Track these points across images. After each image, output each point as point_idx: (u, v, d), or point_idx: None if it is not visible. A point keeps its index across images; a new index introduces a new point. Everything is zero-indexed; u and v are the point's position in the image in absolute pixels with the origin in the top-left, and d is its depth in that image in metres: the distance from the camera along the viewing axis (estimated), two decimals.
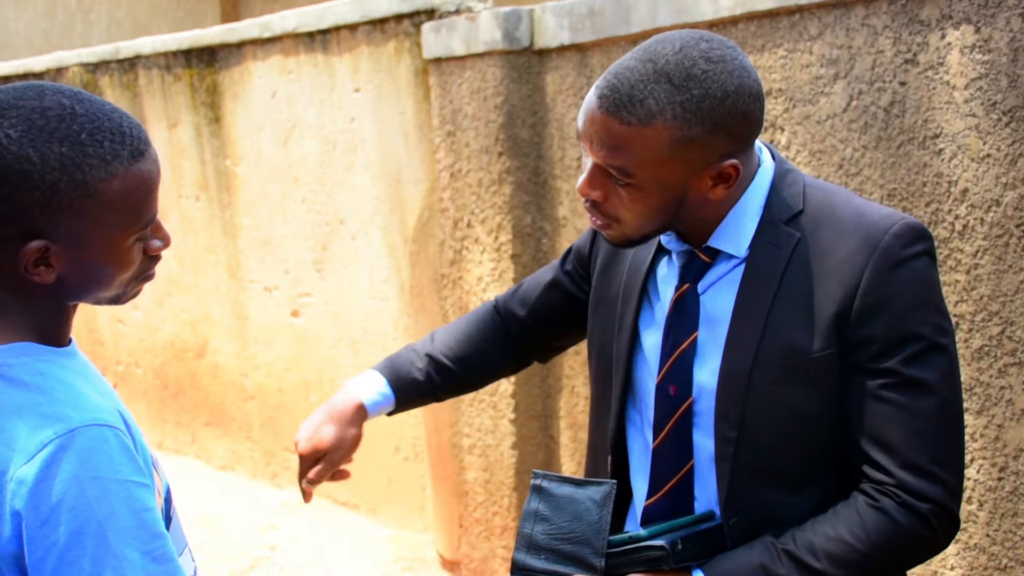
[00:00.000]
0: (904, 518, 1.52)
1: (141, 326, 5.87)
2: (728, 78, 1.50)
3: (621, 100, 1.50)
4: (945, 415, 1.54)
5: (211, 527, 4.75)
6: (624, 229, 1.60)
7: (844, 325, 1.53)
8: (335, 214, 4.61)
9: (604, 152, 1.53)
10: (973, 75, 2.41)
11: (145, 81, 5.47)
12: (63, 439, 1.27)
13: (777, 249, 1.58)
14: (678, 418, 1.64)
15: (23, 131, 1.28)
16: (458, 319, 2.04)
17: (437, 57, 3.79)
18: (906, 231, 1.55)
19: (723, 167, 1.54)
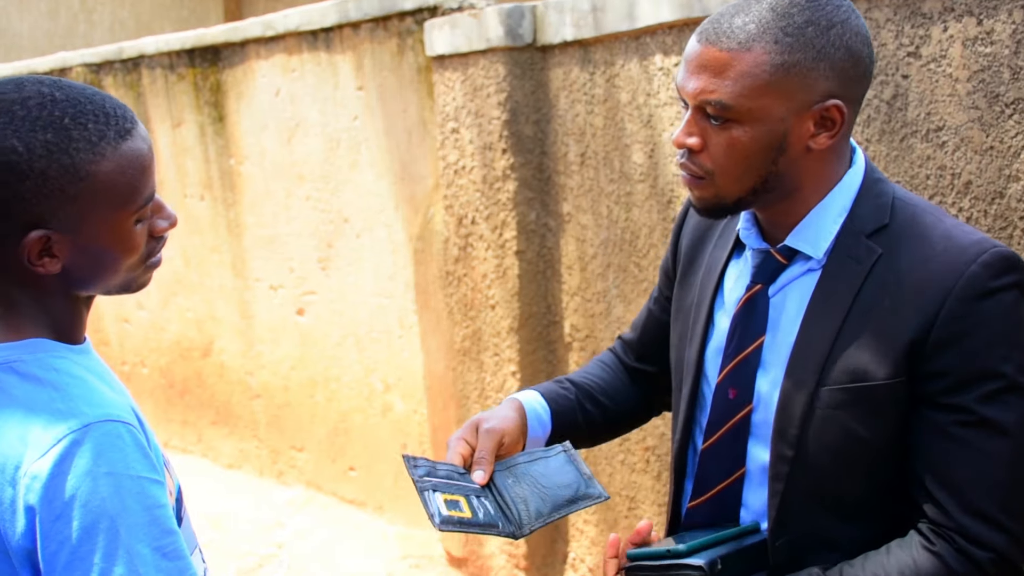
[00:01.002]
0: (960, 566, 1.42)
1: (147, 326, 5.88)
2: (835, 11, 1.44)
3: (722, 29, 1.44)
4: (1019, 461, 1.43)
5: (218, 525, 4.76)
6: (718, 183, 1.50)
7: (918, 355, 1.44)
8: (339, 212, 4.62)
9: (702, 83, 1.45)
10: (976, 67, 2.41)
11: (149, 81, 5.48)
12: (77, 434, 1.27)
13: (856, 263, 1.49)
14: (734, 424, 1.58)
15: (5, 122, 1.29)
16: (587, 365, 1.92)
17: (440, 54, 3.79)
18: (996, 261, 1.44)
19: (827, 107, 1.46)
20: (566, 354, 3.72)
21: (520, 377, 3.74)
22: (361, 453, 4.75)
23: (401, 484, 4.58)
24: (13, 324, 1.36)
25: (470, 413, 3.93)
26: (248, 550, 4.60)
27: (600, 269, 3.52)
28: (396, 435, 4.56)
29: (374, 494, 4.71)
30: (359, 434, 4.74)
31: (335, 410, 4.84)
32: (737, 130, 1.46)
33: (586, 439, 1.85)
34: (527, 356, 3.75)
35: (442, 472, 1.59)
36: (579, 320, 3.65)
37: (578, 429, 1.80)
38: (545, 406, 1.77)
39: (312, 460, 5.02)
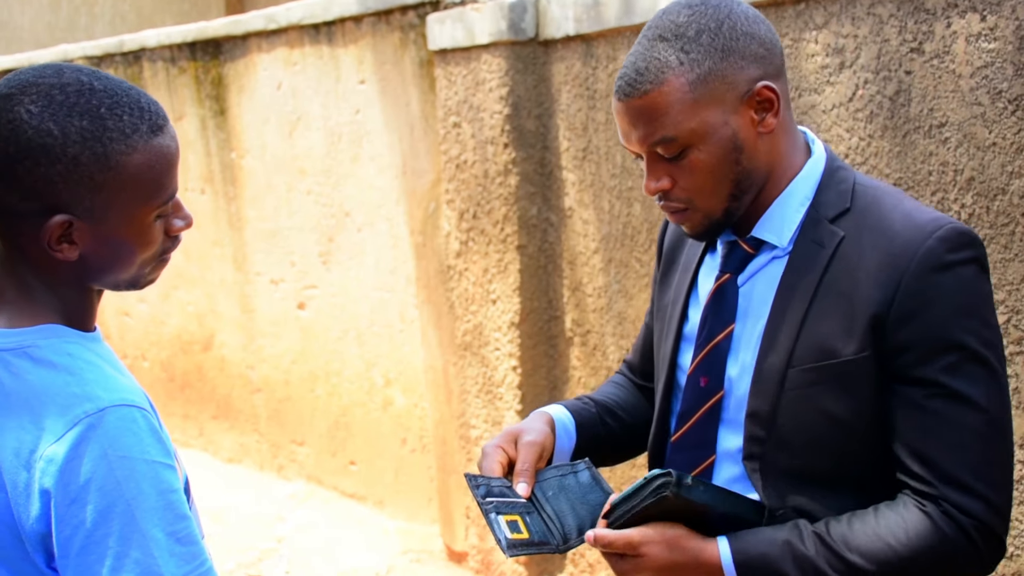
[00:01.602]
0: (949, 528, 1.46)
1: (147, 319, 5.88)
2: (715, 11, 1.51)
3: (631, 80, 1.51)
4: (992, 431, 1.47)
5: (219, 519, 4.76)
6: (700, 208, 1.55)
7: (881, 329, 1.47)
8: (341, 206, 4.62)
9: (643, 134, 1.52)
10: (979, 63, 2.41)
11: (150, 74, 5.47)
12: (92, 418, 1.28)
13: (820, 247, 1.53)
14: (705, 411, 1.61)
15: (43, 106, 1.30)
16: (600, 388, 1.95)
17: (442, 48, 3.79)
18: (952, 235, 1.47)
19: (757, 91, 1.51)
20: (567, 349, 3.72)
21: (521, 372, 3.74)
22: (362, 447, 4.75)
23: (401, 478, 4.58)
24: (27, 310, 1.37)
25: (471, 408, 3.93)
26: (248, 544, 4.60)
27: (601, 264, 3.52)
28: (397, 429, 4.56)
29: (375, 488, 4.72)
30: (360, 428, 4.74)
31: (336, 404, 4.84)
32: (693, 153, 1.51)
33: (608, 452, 1.88)
34: (528, 351, 3.75)
35: (496, 489, 1.60)
36: (580, 315, 3.65)
37: (600, 442, 1.83)
38: (571, 419, 1.80)
39: (313, 454, 5.02)
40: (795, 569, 1.48)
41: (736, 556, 1.49)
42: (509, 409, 3.80)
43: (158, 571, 1.27)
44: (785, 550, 1.48)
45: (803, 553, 1.48)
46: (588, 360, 3.64)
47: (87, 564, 1.27)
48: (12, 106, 1.30)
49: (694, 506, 1.50)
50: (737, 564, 1.49)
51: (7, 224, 1.34)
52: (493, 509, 1.56)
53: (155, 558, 1.27)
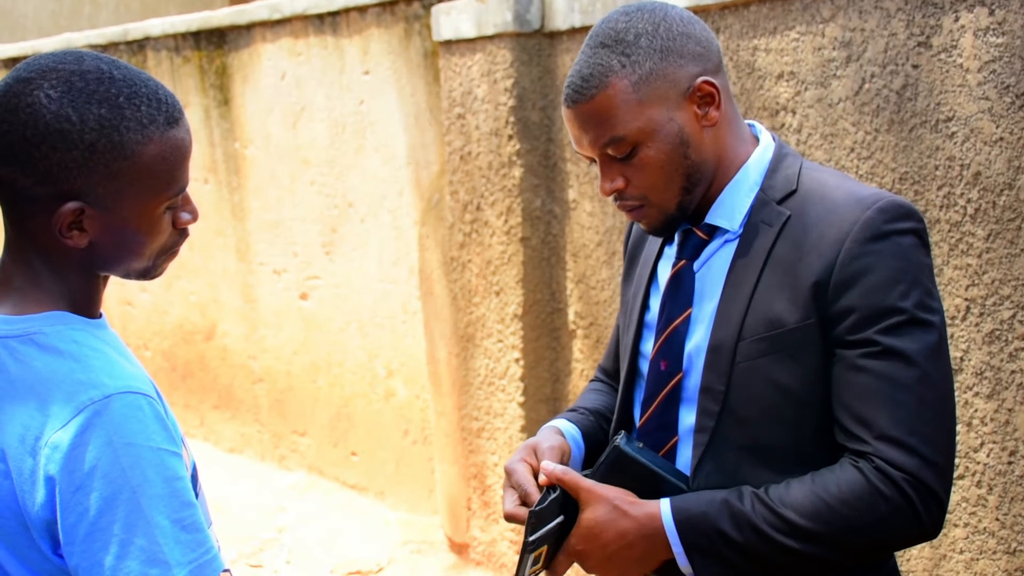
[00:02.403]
0: (880, 482, 1.49)
1: (150, 308, 5.88)
2: (651, 15, 1.59)
3: (577, 87, 1.58)
4: (926, 389, 1.50)
5: (220, 509, 4.76)
6: (656, 203, 1.62)
7: (823, 296, 1.53)
8: (344, 197, 4.61)
9: (593, 137, 1.58)
10: (987, 58, 2.40)
11: (154, 63, 5.47)
12: (98, 405, 1.28)
13: (768, 227, 1.60)
14: (666, 393, 1.65)
15: (63, 92, 1.31)
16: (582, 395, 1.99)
17: (447, 39, 3.78)
18: (891, 207, 1.54)
19: (698, 87, 1.58)
20: (570, 341, 3.72)
21: (523, 364, 3.74)
22: (363, 438, 4.75)
23: (403, 470, 4.58)
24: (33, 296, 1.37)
25: (473, 400, 3.93)
26: (250, 534, 4.61)
27: (605, 256, 3.51)
28: (398, 421, 4.56)
29: (376, 479, 4.72)
30: (361, 419, 4.74)
31: (338, 395, 4.84)
32: (643, 151, 1.58)
33: None
34: (531, 343, 3.74)
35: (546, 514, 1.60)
36: (583, 307, 3.65)
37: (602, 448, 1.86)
38: (577, 430, 1.85)
39: (314, 445, 5.02)
40: (732, 526, 1.53)
41: (676, 514, 1.55)
42: (511, 401, 3.79)
43: (163, 558, 1.27)
44: (723, 508, 1.54)
45: (740, 509, 1.53)
46: (591, 352, 3.64)
47: (92, 551, 1.27)
48: (31, 90, 1.31)
49: (638, 468, 1.59)
50: (677, 521, 1.55)
51: (18, 208, 1.34)
52: (532, 548, 1.59)
53: (160, 545, 1.27)
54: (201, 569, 1.30)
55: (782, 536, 1.51)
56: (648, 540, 1.57)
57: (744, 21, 2.92)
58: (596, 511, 1.59)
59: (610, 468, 1.61)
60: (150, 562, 1.27)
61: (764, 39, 2.88)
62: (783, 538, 1.51)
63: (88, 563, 1.27)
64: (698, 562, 1.54)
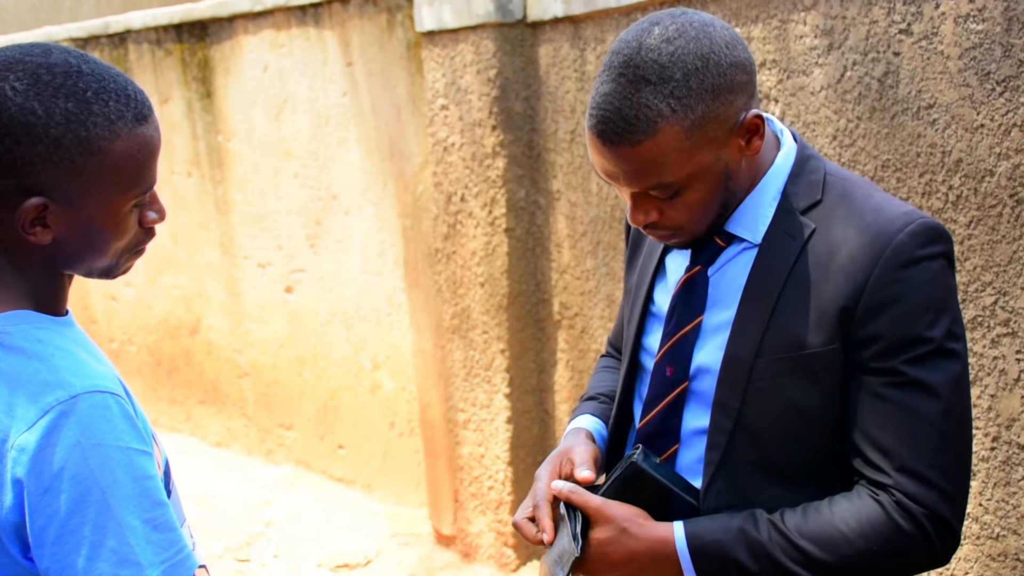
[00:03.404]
0: (900, 516, 1.46)
1: (134, 303, 5.86)
2: (696, 45, 1.45)
3: (618, 128, 1.45)
4: (949, 422, 1.47)
5: (207, 504, 4.76)
6: (690, 230, 1.55)
7: (849, 321, 1.48)
8: (328, 189, 4.60)
9: (634, 179, 1.49)
10: (967, 45, 2.40)
11: (135, 56, 5.44)
12: (64, 406, 1.26)
13: (791, 239, 1.53)
14: (670, 400, 1.61)
15: (29, 84, 1.29)
16: (596, 375, 1.96)
17: (430, 30, 3.76)
18: (923, 230, 1.48)
19: (746, 123, 1.49)
20: (555, 332, 3.72)
21: (509, 355, 3.74)
22: (350, 431, 4.74)
23: (390, 462, 4.58)
24: None
25: (459, 391, 3.92)
26: (237, 528, 4.60)
27: (590, 247, 3.51)
28: (385, 413, 4.56)
29: (363, 472, 4.71)
30: (348, 412, 4.74)
31: (324, 388, 4.83)
32: (688, 193, 1.50)
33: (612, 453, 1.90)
34: (516, 334, 3.74)
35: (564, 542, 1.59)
36: (568, 298, 3.64)
37: None
38: (602, 424, 1.81)
39: (301, 438, 5.01)
40: (748, 555, 1.49)
41: (691, 540, 1.51)
42: (497, 392, 3.79)
43: (135, 559, 1.26)
44: (739, 536, 1.50)
45: (756, 539, 1.49)
46: (576, 343, 3.64)
47: (62, 554, 1.25)
48: None
49: (653, 485, 1.55)
50: (692, 548, 1.51)
51: None
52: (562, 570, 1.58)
53: (131, 546, 1.26)
54: (175, 568, 1.29)
55: (798, 567, 1.48)
56: (659, 564, 1.53)
57: (726, 9, 2.92)
58: (606, 531, 1.55)
59: (625, 483, 1.58)
60: (121, 563, 1.25)
61: (747, 27, 2.88)
62: (799, 569, 1.48)
63: (59, 566, 1.25)
64: None
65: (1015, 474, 2.46)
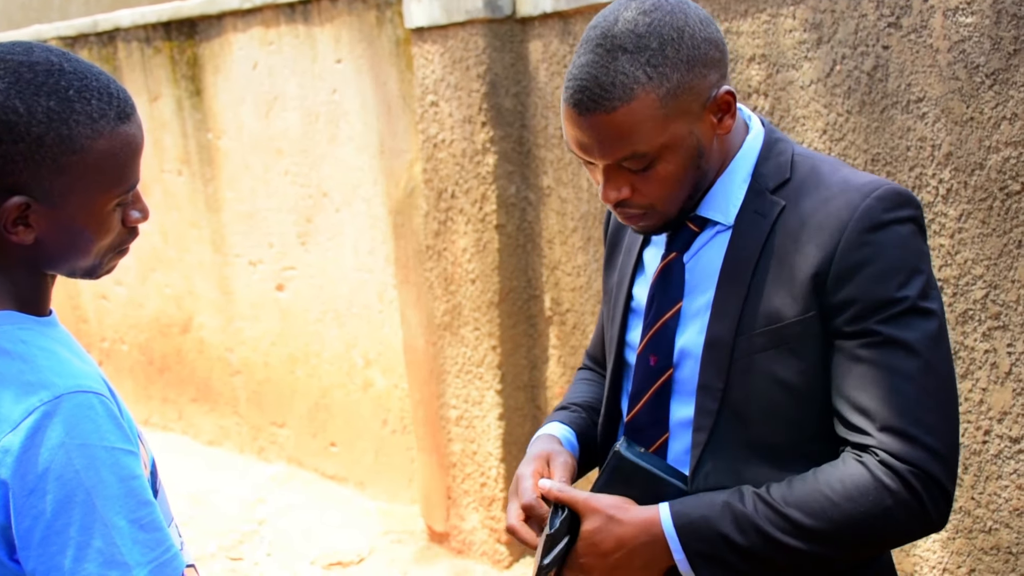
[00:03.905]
0: (886, 476, 1.45)
1: (125, 302, 5.84)
2: (672, 18, 1.49)
3: (594, 94, 1.47)
4: (929, 379, 1.46)
5: (199, 502, 4.75)
6: (660, 211, 1.56)
7: (822, 287, 1.49)
8: (318, 186, 4.59)
9: (608, 149, 1.50)
10: (956, 38, 2.40)
11: (124, 54, 5.42)
12: (48, 406, 1.26)
13: (762, 218, 1.55)
14: (656, 389, 1.61)
15: (10, 83, 1.28)
16: (572, 387, 1.95)
17: (419, 27, 3.75)
18: (889, 195, 1.50)
19: (719, 97, 1.52)
20: (546, 328, 3.71)
21: (500, 352, 3.73)
22: (342, 429, 4.74)
23: (382, 459, 4.57)
24: None
25: (451, 388, 3.92)
26: (229, 527, 4.59)
27: (580, 243, 3.50)
28: (377, 410, 4.55)
29: (355, 470, 4.70)
30: (340, 410, 4.73)
31: (316, 386, 4.82)
32: (660, 165, 1.51)
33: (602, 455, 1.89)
34: (507, 330, 3.73)
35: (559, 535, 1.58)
36: (559, 294, 3.64)
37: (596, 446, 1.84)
38: (571, 431, 1.80)
39: (293, 436, 5.00)
40: (735, 529, 1.48)
41: (676, 519, 1.51)
42: (489, 389, 3.79)
43: (122, 559, 1.25)
44: (725, 511, 1.49)
45: (742, 511, 1.49)
46: (567, 339, 3.63)
47: (49, 555, 1.24)
48: None
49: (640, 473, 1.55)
50: (678, 527, 1.51)
51: None
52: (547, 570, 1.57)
53: (118, 546, 1.25)
54: (161, 568, 1.28)
55: (787, 536, 1.47)
56: (648, 547, 1.52)
57: (715, 4, 2.91)
58: (593, 522, 1.55)
59: (612, 475, 1.58)
60: (108, 564, 1.25)
61: (736, 21, 2.87)
62: (788, 538, 1.47)
63: (45, 567, 1.25)
64: (701, 567, 1.50)
65: (1007, 467, 2.46)
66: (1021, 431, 2.42)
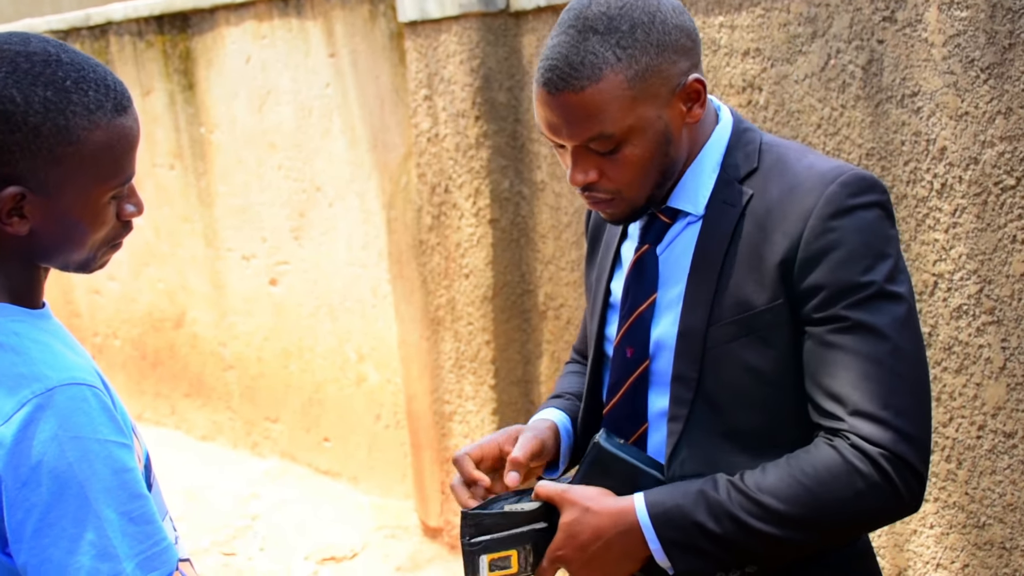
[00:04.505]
0: (857, 459, 1.45)
1: (118, 297, 5.83)
2: (645, 3, 1.51)
3: (564, 73, 1.49)
4: (899, 362, 1.47)
5: (193, 498, 4.74)
6: (627, 198, 1.57)
7: (789, 275, 1.50)
8: (312, 181, 4.58)
9: (576, 129, 1.51)
10: (951, 32, 2.39)
11: (117, 48, 5.40)
12: (41, 399, 1.25)
13: (731, 207, 1.56)
14: (633, 380, 1.62)
15: (7, 72, 1.28)
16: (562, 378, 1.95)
17: (413, 20, 3.74)
18: (854, 180, 1.51)
19: (688, 85, 1.53)
20: (540, 323, 3.71)
21: (494, 346, 3.72)
22: (336, 423, 4.73)
23: (375, 454, 4.57)
24: None
25: (444, 383, 3.91)
26: (223, 522, 4.58)
27: (574, 237, 3.50)
28: (371, 405, 4.54)
29: (349, 464, 4.70)
30: (333, 404, 4.72)
31: (309, 381, 4.81)
32: (627, 148, 1.52)
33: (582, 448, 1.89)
34: (501, 325, 3.73)
35: (489, 521, 1.57)
36: (553, 288, 3.63)
37: None
38: (566, 417, 1.81)
39: (286, 431, 5.00)
40: (708, 516, 1.49)
41: (651, 508, 1.51)
42: (483, 384, 3.78)
43: (114, 552, 1.25)
44: (699, 499, 1.50)
45: (716, 499, 1.49)
46: (561, 334, 3.63)
47: (41, 547, 1.24)
48: None
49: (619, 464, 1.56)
50: (652, 516, 1.51)
51: None
52: (479, 550, 1.56)
53: (110, 539, 1.25)
54: (150, 561, 1.27)
55: (761, 523, 1.47)
56: (624, 536, 1.52)
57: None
58: (570, 513, 1.55)
59: (591, 466, 1.58)
60: (101, 556, 1.24)
61: (730, 15, 2.87)
62: (762, 525, 1.47)
63: (37, 560, 1.24)
64: (676, 556, 1.51)
65: (1000, 463, 2.46)
66: (1015, 426, 2.42)
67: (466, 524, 1.57)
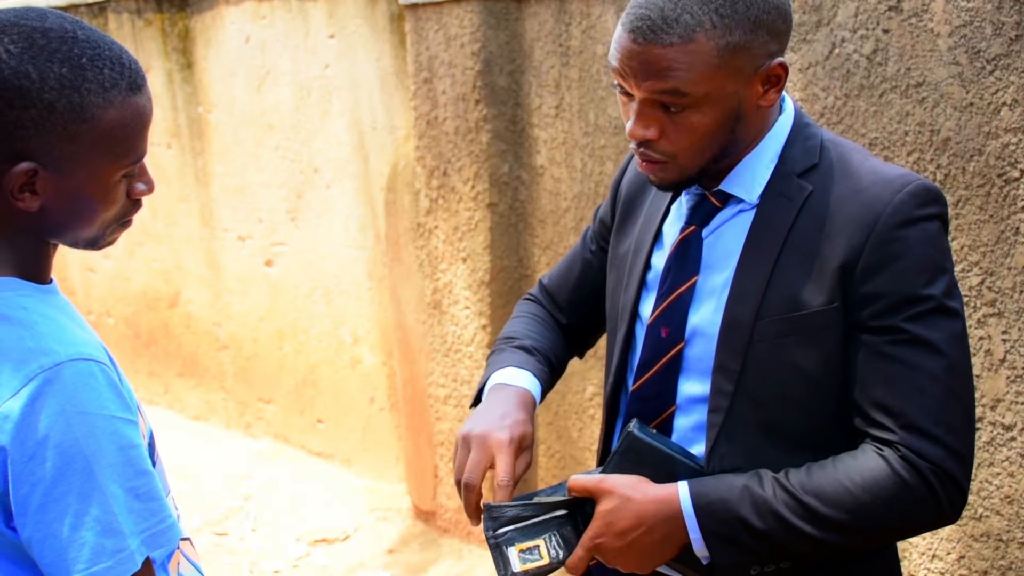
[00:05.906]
0: (905, 471, 1.47)
1: (113, 275, 5.81)
2: None
3: (655, 25, 1.45)
4: (953, 379, 1.48)
5: (185, 477, 4.73)
6: (681, 164, 1.54)
7: (849, 280, 1.49)
8: (309, 162, 4.56)
9: (652, 80, 1.47)
10: (957, 22, 2.39)
11: (115, 26, 5.37)
12: (48, 373, 1.25)
13: (788, 201, 1.54)
14: (666, 362, 1.61)
15: (24, 48, 1.27)
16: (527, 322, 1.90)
17: (413, 2, 3.73)
18: (921, 191, 1.50)
19: (772, 68, 1.51)
20: None
21: (490, 331, 3.72)
22: (329, 406, 4.72)
23: (369, 437, 4.56)
24: None
25: (440, 367, 3.91)
26: (215, 502, 4.58)
27: (573, 223, 3.49)
28: (365, 388, 4.54)
29: (342, 447, 4.69)
30: (327, 386, 4.71)
31: (303, 362, 4.80)
32: (695, 115, 1.49)
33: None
34: (498, 310, 3.72)
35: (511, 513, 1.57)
36: None
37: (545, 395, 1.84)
38: (539, 385, 1.78)
39: (280, 412, 4.99)
40: (753, 512, 1.49)
41: (695, 498, 1.51)
42: (478, 368, 3.77)
43: (118, 528, 1.25)
44: (744, 494, 1.50)
45: (761, 496, 1.50)
46: None
47: (46, 522, 1.24)
48: None
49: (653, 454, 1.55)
50: (696, 507, 1.51)
51: None
52: (505, 541, 1.56)
53: (115, 515, 1.25)
54: (155, 538, 1.28)
55: (804, 523, 1.48)
56: (666, 523, 1.52)
57: None
58: (609, 501, 1.54)
59: (624, 456, 1.57)
60: (105, 532, 1.24)
61: None
62: (805, 525, 1.48)
63: (42, 534, 1.24)
64: (716, 548, 1.51)
65: (999, 455, 2.46)
66: (1014, 419, 2.42)
67: (489, 518, 1.57)
